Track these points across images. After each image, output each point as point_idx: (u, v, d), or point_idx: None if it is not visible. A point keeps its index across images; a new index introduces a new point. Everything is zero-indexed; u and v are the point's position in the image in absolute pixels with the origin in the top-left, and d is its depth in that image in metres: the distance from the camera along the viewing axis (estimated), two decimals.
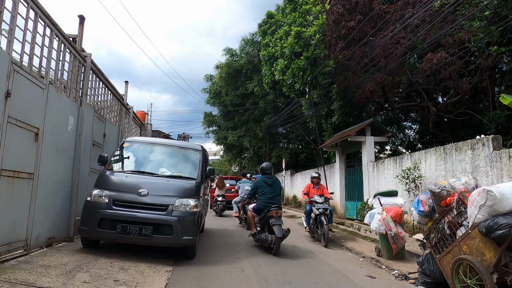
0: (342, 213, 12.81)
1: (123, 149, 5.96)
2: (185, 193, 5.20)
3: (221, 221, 11.29)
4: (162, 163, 5.82)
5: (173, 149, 6.13)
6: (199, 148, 6.26)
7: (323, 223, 7.51)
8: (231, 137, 25.29)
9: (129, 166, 5.70)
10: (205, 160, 6.50)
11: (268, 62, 18.72)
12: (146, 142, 6.16)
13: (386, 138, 11.38)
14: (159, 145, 6.08)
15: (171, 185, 5.22)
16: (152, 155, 5.88)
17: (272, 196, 6.50)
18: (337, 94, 13.91)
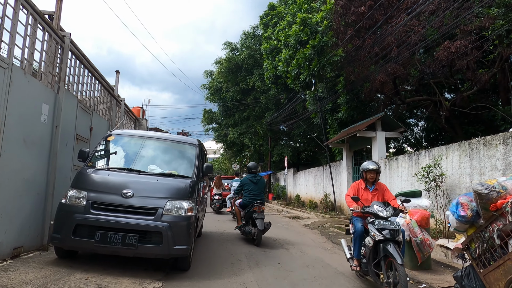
0: (349, 213, 12.01)
1: (107, 143, 5.18)
2: (178, 194, 4.43)
3: (220, 222, 10.51)
4: (152, 159, 5.04)
5: (165, 143, 5.34)
6: (195, 143, 5.47)
7: (395, 260, 3.65)
8: (231, 134, 24.50)
9: (114, 162, 4.92)
10: (202, 156, 5.73)
11: (270, 55, 17.95)
12: (134, 135, 5.37)
13: (398, 133, 10.59)
14: (149, 139, 5.30)
15: (162, 185, 4.44)
16: (140, 150, 5.10)
17: (256, 193, 7.07)
18: (344, 87, 13.13)
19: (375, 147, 10.30)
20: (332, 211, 13.22)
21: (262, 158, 28.55)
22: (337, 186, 13.17)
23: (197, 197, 4.85)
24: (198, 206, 5.14)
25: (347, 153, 12.42)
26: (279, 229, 9.59)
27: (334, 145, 12.83)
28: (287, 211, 15.16)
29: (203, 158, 6.08)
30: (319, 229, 9.71)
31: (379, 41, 9.88)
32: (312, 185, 16.64)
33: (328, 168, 14.73)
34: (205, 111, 28.12)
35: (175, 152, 5.33)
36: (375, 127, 10.39)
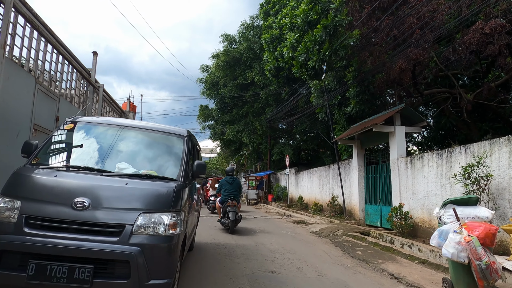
0: (361, 218, 10.76)
1: (64, 133, 3.85)
2: (156, 203, 3.13)
3: (216, 230, 9.20)
4: (124, 155, 3.73)
5: (143, 134, 4.02)
6: (183, 133, 4.16)
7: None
8: (228, 132, 23.17)
9: (69, 159, 3.61)
10: (192, 152, 4.42)
11: (271, 45, 16.67)
12: (101, 123, 4.05)
13: (418, 128, 9.33)
14: (122, 128, 3.97)
15: (133, 191, 3.14)
16: (109, 143, 3.79)
17: (231, 192, 8.66)
18: (354, 78, 11.86)
19: (393, 143, 9.03)
20: (340, 215, 11.96)
21: (261, 157, 27.25)
22: (346, 188, 11.91)
23: (185, 207, 3.55)
24: (188, 217, 3.84)
25: (358, 151, 11.15)
26: (284, 238, 8.30)
27: (343, 142, 11.56)
28: (290, 215, 13.88)
29: (195, 154, 4.77)
30: (331, 238, 8.43)
31: (399, 22, 8.60)
32: (316, 186, 15.37)
33: (335, 167, 13.46)
34: (201, 107, 26.78)
35: (156, 146, 4.02)
36: (393, 121, 9.13)
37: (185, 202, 3.60)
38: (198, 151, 5.76)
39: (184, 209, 3.52)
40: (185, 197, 3.55)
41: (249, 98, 22.19)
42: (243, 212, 15.28)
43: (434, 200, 7.39)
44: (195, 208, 5.27)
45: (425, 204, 7.70)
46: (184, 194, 3.49)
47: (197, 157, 5.35)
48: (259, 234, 8.63)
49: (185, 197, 3.55)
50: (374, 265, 5.76)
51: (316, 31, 8.26)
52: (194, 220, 5.12)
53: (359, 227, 9.81)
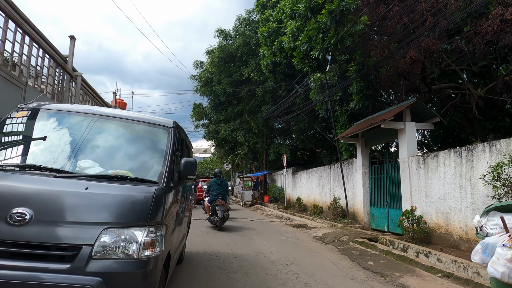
0: (366, 222, 10.03)
1: (13, 122, 3.02)
2: (127, 214, 2.33)
3: (210, 236, 8.40)
4: (91, 150, 2.90)
5: (118, 124, 3.20)
6: (168, 124, 3.33)
7: None
8: (223, 130, 22.31)
9: (13, 155, 2.78)
10: (180, 148, 3.61)
11: (268, 39, 15.88)
12: (63, 111, 3.21)
13: (430, 124, 8.62)
14: (91, 117, 3.14)
15: (95, 198, 2.33)
16: (72, 135, 2.96)
17: (219, 192, 9.32)
18: (357, 73, 11.13)
19: (403, 141, 8.30)
20: (343, 218, 11.22)
21: (257, 157, 26.45)
22: (349, 189, 11.17)
23: (168, 217, 2.74)
24: (174, 228, 3.04)
25: (362, 150, 10.41)
26: (285, 245, 7.51)
27: (346, 140, 10.82)
28: (289, 218, 13.10)
29: (183, 150, 3.96)
30: (336, 245, 7.67)
31: (410, 9, 7.87)
32: (316, 187, 14.62)
33: (336, 167, 12.74)
34: (195, 106, 25.89)
35: (133, 139, 3.20)
36: (403, 117, 8.41)
37: (169, 211, 2.79)
38: (189, 148, 4.94)
39: (168, 221, 2.71)
40: (168, 204, 2.74)
41: (245, 96, 21.39)
42: (238, 213, 14.50)
43: (451, 204, 6.67)
44: (185, 215, 4.46)
45: (440, 207, 6.98)
46: (167, 201, 2.68)
47: (187, 154, 4.54)
48: (257, 241, 7.84)
49: (168, 205, 2.74)
50: (391, 279, 5.00)
51: (320, 17, 7.49)
52: (183, 229, 4.31)
53: (365, 232, 9.08)
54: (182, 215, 3.94)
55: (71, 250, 2.09)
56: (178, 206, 3.45)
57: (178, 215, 3.47)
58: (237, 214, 15.03)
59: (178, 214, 3.42)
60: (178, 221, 3.49)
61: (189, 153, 5.05)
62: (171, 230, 2.88)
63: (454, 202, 6.61)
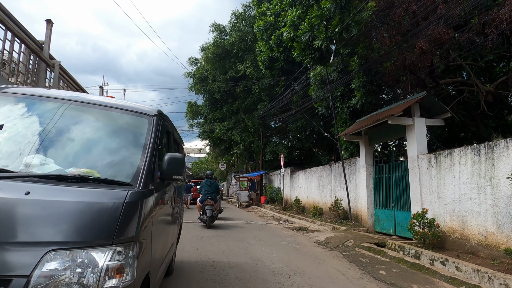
0: (370, 224, 9.45)
1: None
2: (83, 230, 1.69)
3: (204, 241, 7.76)
4: (48, 144, 2.24)
5: (88, 112, 2.53)
6: (150, 112, 2.67)
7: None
8: (218, 129, 21.63)
9: None
10: (167, 143, 2.98)
11: (265, 34, 15.28)
12: (16, 94, 2.54)
13: (440, 120, 8.06)
14: (54, 102, 2.48)
15: (38, 207, 1.69)
16: (25, 124, 2.31)
17: (209, 193, 10.07)
18: (359, 67, 10.56)
19: (412, 138, 7.73)
20: (345, 221, 10.63)
21: (253, 156, 25.81)
22: (352, 189, 10.59)
23: (147, 231, 2.10)
24: (158, 240, 2.40)
25: (365, 148, 9.83)
26: (286, 251, 6.89)
27: (348, 138, 10.23)
28: (287, 220, 12.49)
29: (170, 145, 3.31)
30: (341, 250, 7.07)
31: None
32: (315, 187, 14.02)
33: (337, 167, 12.16)
34: (189, 104, 25.18)
35: (105, 130, 2.54)
36: (412, 112, 7.84)
37: (147, 221, 2.15)
38: (178, 144, 4.29)
39: (145, 236, 2.06)
40: (146, 213, 2.09)
41: (241, 93, 20.74)
42: (234, 215, 13.84)
43: (468, 206, 6.10)
44: (175, 222, 3.81)
45: (455, 210, 6.41)
46: (143, 209, 2.04)
47: (177, 149, 3.90)
48: (255, 247, 7.21)
49: (146, 214, 2.09)
50: None
51: (324, 3, 6.87)
52: (171, 238, 3.66)
53: (370, 236, 8.49)
54: (170, 223, 3.30)
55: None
56: (163, 214, 2.81)
57: (163, 224, 2.83)
58: (233, 216, 14.39)
59: (162, 223, 2.78)
60: (163, 232, 2.85)
61: (179, 150, 4.41)
62: (151, 245, 2.24)
63: (471, 204, 6.04)
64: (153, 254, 2.35)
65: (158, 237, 2.56)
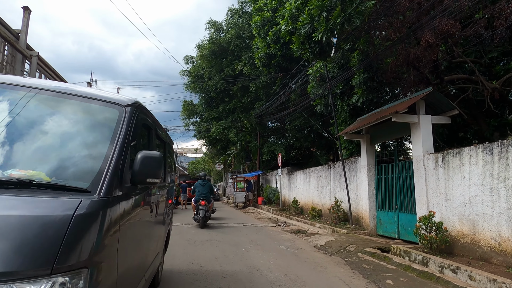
0: (371, 227, 9.03)
1: None
2: (10, 256, 1.21)
3: (197, 246, 7.30)
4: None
5: (42, 100, 2.07)
6: (122, 102, 2.19)
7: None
8: (214, 129, 21.15)
9: None
10: (147, 140, 2.52)
11: (262, 30, 14.86)
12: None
13: (447, 118, 7.67)
14: (4, 88, 2.02)
15: None
16: None
17: (202, 193, 10.40)
18: (360, 62, 10.15)
19: (417, 136, 7.31)
20: (345, 223, 10.21)
21: (250, 156, 25.36)
22: (353, 191, 10.17)
23: (109, 251, 1.63)
24: (134, 257, 1.94)
25: (367, 147, 9.42)
26: (284, 257, 6.44)
27: (349, 137, 9.81)
28: (285, 222, 12.05)
29: (152, 143, 2.84)
30: (343, 256, 6.64)
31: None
32: (314, 188, 13.60)
33: (336, 167, 11.74)
34: (185, 103, 24.67)
35: (63, 123, 2.07)
36: (417, 109, 7.43)
37: (113, 238, 1.69)
38: (165, 143, 3.83)
39: (107, 257, 1.60)
40: (108, 228, 1.63)
41: (237, 92, 20.27)
42: (230, 216, 13.36)
43: (479, 208, 5.69)
44: (159, 229, 3.35)
45: (465, 213, 5.99)
46: (105, 223, 1.58)
47: (163, 152, 3.44)
48: (251, 252, 6.75)
49: (108, 228, 1.63)
50: None
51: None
52: (156, 247, 3.20)
53: (372, 239, 8.07)
54: (150, 233, 2.84)
55: None
56: (140, 224, 2.36)
57: (140, 237, 2.37)
58: (229, 218, 13.93)
59: (138, 236, 2.32)
60: (140, 246, 2.39)
61: (165, 149, 3.94)
62: (116, 267, 1.78)
63: (483, 206, 5.63)
64: (122, 275, 1.89)
65: (132, 253, 2.11)
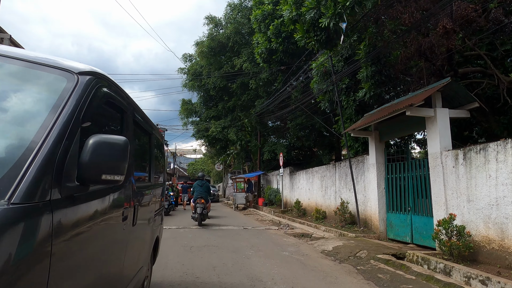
0: (382, 230, 8.40)
1: None
2: None
3: (193, 252, 6.67)
4: None
5: None
6: (74, 69, 1.57)
7: None
8: (213, 128, 20.51)
9: None
10: (102, 117, 1.89)
11: (263, 24, 14.25)
12: None
13: (466, 112, 7.03)
14: None
15: None
16: None
17: (200, 192, 11.01)
18: (367, 55, 9.54)
19: (434, 132, 6.69)
20: (352, 226, 9.58)
21: (250, 156, 24.73)
22: (360, 191, 9.54)
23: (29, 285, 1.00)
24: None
25: (376, 145, 8.79)
26: (289, 265, 5.81)
27: (356, 134, 9.18)
28: (288, 224, 11.42)
29: (129, 131, 2.20)
30: (354, 263, 6.01)
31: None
32: (317, 188, 12.97)
33: (342, 166, 11.12)
34: (184, 102, 24.06)
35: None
36: (432, 102, 6.81)
37: (41, 264, 1.05)
38: (150, 134, 3.21)
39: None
40: (26, 256, 0.99)
41: (237, 89, 19.65)
42: (229, 219, 12.69)
43: (509, 211, 5.07)
44: (140, 243, 2.72)
45: (491, 216, 5.37)
46: (17, 248, 0.94)
47: (146, 146, 2.82)
48: (253, 260, 6.12)
49: (28, 257, 1.00)
50: None
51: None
52: (136, 262, 2.58)
53: (384, 244, 7.44)
54: (130, 248, 2.22)
55: None
56: (104, 239, 1.73)
57: (107, 256, 1.75)
58: (229, 220, 13.30)
59: (104, 255, 1.70)
60: (109, 268, 1.77)
61: (151, 144, 3.32)
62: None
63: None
64: None
65: (84, 280, 1.48)
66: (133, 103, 2.49)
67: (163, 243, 7.32)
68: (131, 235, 2.29)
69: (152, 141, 3.34)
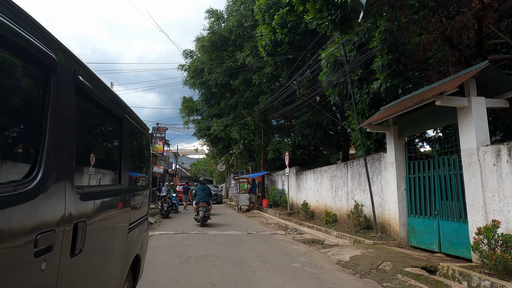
0: (402, 237, 7.48)
1: None
2: None
3: (190, 262, 5.78)
4: None
5: None
6: None
7: None
8: (215, 126, 19.63)
9: None
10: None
11: (267, 14, 13.40)
12: None
13: (505, 101, 6.10)
14: None
15: None
16: None
17: (202, 196, 11.90)
18: (383, 42, 8.64)
19: (468, 125, 5.76)
20: (367, 231, 8.67)
21: (253, 156, 23.81)
22: (377, 193, 8.62)
23: None
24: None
25: (395, 141, 7.88)
26: (301, 280, 4.90)
27: (372, 129, 8.25)
28: (295, 228, 10.52)
29: (68, 102, 1.33)
30: (378, 278, 5.10)
31: None
32: (327, 189, 12.05)
33: (354, 166, 10.21)
34: (185, 99, 23.22)
35: None
36: (465, 90, 5.89)
37: None
38: (121, 120, 2.34)
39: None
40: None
41: (239, 86, 18.76)
42: (232, 221, 11.80)
43: None
44: (102, 273, 1.84)
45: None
46: None
47: (126, 145, 1.95)
48: (258, 274, 5.23)
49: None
50: None
51: None
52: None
53: (408, 253, 6.51)
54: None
55: None
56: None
57: None
58: (231, 223, 12.43)
59: None
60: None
61: (122, 132, 2.45)
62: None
63: None
64: None
65: None
66: (99, 80, 1.61)
67: (156, 253, 6.45)
68: (65, 273, 1.41)
69: (124, 129, 2.46)
